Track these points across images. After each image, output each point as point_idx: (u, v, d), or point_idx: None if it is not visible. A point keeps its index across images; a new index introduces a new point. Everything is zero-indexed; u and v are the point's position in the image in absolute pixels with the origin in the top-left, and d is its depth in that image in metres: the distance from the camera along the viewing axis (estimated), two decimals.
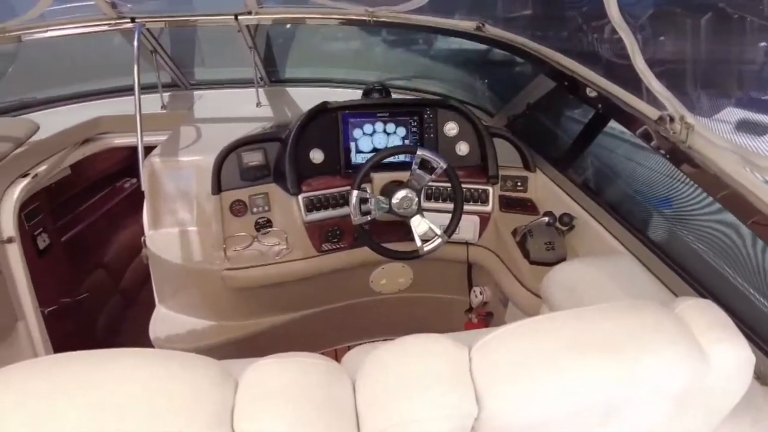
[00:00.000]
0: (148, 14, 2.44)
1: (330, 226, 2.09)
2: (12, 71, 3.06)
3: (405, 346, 0.85)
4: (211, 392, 0.75)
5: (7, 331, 2.23)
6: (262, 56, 2.82)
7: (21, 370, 0.79)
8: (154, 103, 2.72)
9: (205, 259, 2.07)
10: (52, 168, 2.44)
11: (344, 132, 2.15)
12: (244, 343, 2.27)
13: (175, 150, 2.17)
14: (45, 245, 2.52)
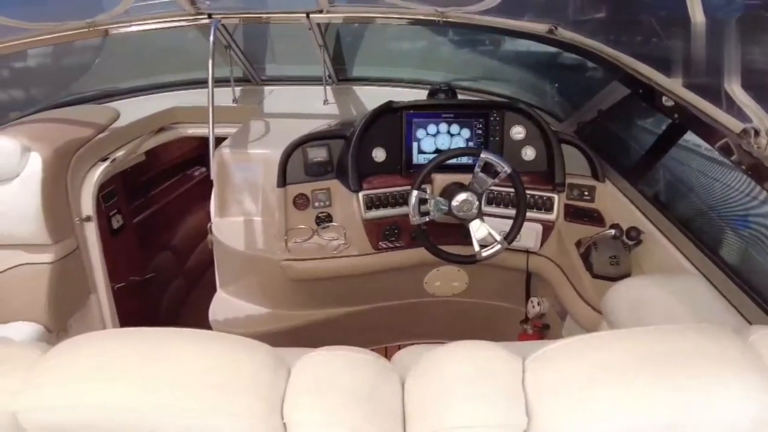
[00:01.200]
0: (224, 11, 2.53)
1: (388, 224, 2.11)
2: (98, 63, 3.26)
3: (458, 351, 0.84)
4: (265, 378, 0.77)
5: (82, 302, 2.39)
6: (331, 54, 2.86)
7: (91, 339, 0.85)
8: (226, 96, 2.82)
9: (266, 248, 2.14)
10: (128, 153, 2.58)
11: (407, 132, 2.15)
12: (297, 332, 2.32)
13: (244, 142, 2.24)
14: (118, 225, 2.68)
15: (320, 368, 0.81)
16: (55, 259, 2.20)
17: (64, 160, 2.24)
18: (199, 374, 0.76)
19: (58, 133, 2.32)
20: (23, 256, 2.20)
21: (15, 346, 0.90)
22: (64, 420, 0.76)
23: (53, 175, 2.17)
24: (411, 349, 1.66)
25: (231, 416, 0.72)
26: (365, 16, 2.54)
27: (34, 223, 2.14)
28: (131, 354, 0.80)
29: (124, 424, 0.74)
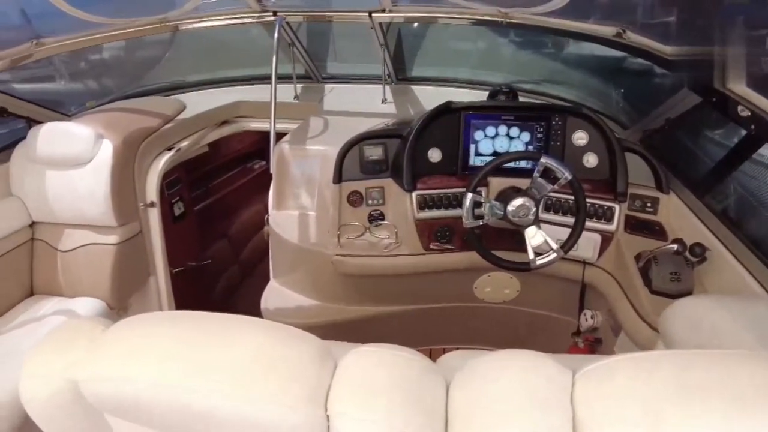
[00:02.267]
0: (288, 8, 2.58)
1: (440, 225, 2.10)
2: (167, 57, 3.40)
3: (507, 359, 0.83)
4: (312, 369, 0.79)
5: (142, 283, 2.52)
6: (391, 53, 2.88)
7: (150, 319, 0.90)
8: (288, 92, 2.88)
9: (319, 242, 2.17)
10: (192, 144, 2.69)
11: (465, 133, 2.13)
12: (344, 326, 2.35)
13: (303, 138, 2.29)
14: (180, 212, 2.79)
15: (366, 364, 0.82)
16: (120, 241, 2.32)
17: (132, 148, 2.35)
18: (249, 360, 0.78)
19: (128, 123, 2.44)
20: (91, 236, 2.33)
21: (81, 320, 0.96)
22: (120, 392, 0.80)
23: (122, 161, 2.29)
24: (457, 354, 1.65)
25: (277, 404, 0.74)
26: (427, 15, 2.54)
27: (102, 206, 2.26)
28: (186, 336, 0.83)
29: (173, 402, 0.77)
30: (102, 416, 0.89)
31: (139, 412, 0.82)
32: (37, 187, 2.31)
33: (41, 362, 0.87)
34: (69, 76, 3.25)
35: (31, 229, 2.39)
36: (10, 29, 2.43)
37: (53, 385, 0.85)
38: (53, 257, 2.36)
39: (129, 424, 0.87)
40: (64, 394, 0.85)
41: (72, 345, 0.87)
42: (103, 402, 0.84)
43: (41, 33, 2.34)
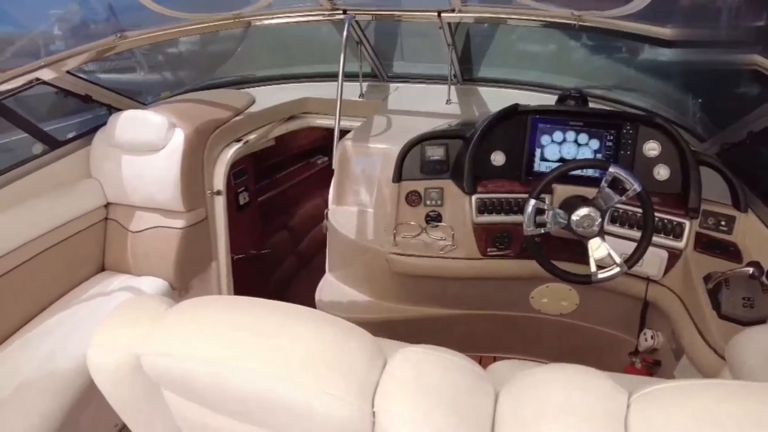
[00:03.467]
0: (358, 7, 2.61)
1: (499, 231, 2.06)
2: (239, 51, 3.51)
3: (561, 374, 0.80)
4: (363, 364, 0.79)
5: (204, 267, 2.62)
6: (458, 54, 2.85)
7: (210, 301, 0.93)
8: (354, 90, 2.92)
9: (375, 239, 2.18)
10: (260, 137, 2.77)
11: (531, 137, 2.08)
12: (395, 325, 2.35)
13: (366, 136, 2.31)
14: (244, 202, 2.89)
15: (417, 364, 0.81)
16: (186, 226, 2.43)
17: (202, 137, 2.45)
18: (303, 349, 0.79)
19: (200, 114, 2.55)
20: (160, 220, 2.45)
21: (146, 298, 1.01)
22: (177, 369, 0.84)
23: (192, 150, 2.39)
24: (508, 363, 1.62)
25: (326, 394, 0.75)
26: (497, 16, 2.50)
27: (172, 191, 2.37)
28: (244, 320, 0.86)
29: (226, 382, 0.80)
30: (159, 390, 0.93)
31: (193, 390, 0.85)
32: (114, 170, 2.46)
33: (108, 334, 0.93)
34: (148, 67, 3.43)
35: (105, 209, 2.55)
36: (99, 23, 2.59)
37: (117, 356, 0.90)
38: (124, 237, 2.50)
39: (183, 400, 0.90)
40: (126, 366, 0.90)
41: (137, 320, 0.92)
42: (161, 377, 0.87)
43: (125, 27, 2.48)
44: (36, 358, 1.91)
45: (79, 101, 2.56)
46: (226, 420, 0.88)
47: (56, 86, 2.42)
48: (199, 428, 0.95)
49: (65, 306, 2.24)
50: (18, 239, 2.14)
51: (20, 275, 2.14)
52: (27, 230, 2.18)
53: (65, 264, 2.35)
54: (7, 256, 2.09)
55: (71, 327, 2.08)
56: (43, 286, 2.24)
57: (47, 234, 2.26)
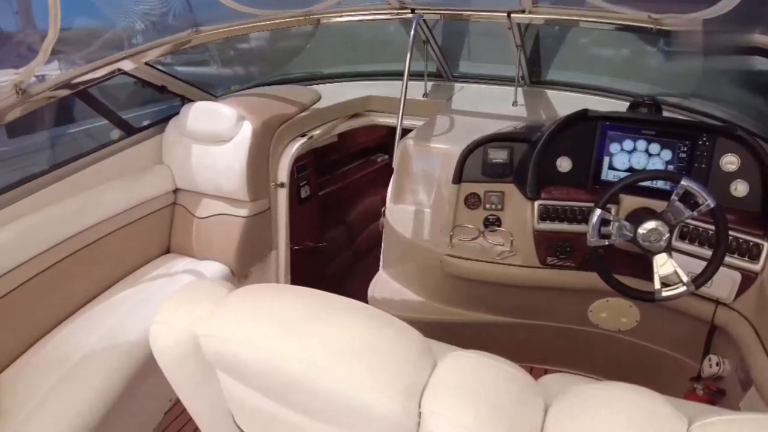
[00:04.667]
0: (426, 6, 2.60)
1: (560, 239, 1.99)
2: (308, 48, 3.59)
3: (616, 393, 0.76)
4: (412, 363, 0.79)
5: (263, 255, 2.71)
6: (527, 55, 2.79)
7: (268, 289, 0.95)
8: (418, 90, 2.91)
9: (431, 240, 2.17)
10: (324, 133, 2.82)
11: (600, 144, 2.00)
12: (446, 328, 2.33)
13: (428, 136, 2.30)
14: (305, 195, 2.96)
15: (467, 369, 0.80)
16: (249, 215, 2.52)
17: (269, 131, 2.53)
18: (356, 343, 0.80)
19: (268, 108, 2.62)
20: (225, 207, 2.55)
21: (208, 281, 1.04)
22: (233, 352, 0.86)
23: (259, 143, 2.47)
24: (559, 377, 1.57)
25: (372, 390, 0.75)
26: (569, 18, 2.43)
27: (238, 181, 2.46)
28: (301, 309, 0.87)
29: (278, 368, 0.81)
30: (214, 371, 0.96)
31: (245, 373, 0.88)
32: (184, 158, 2.57)
33: (170, 313, 0.97)
34: (220, 61, 3.56)
35: (174, 194, 2.68)
36: (176, 18, 2.72)
37: (178, 334, 0.94)
38: (190, 222, 2.62)
39: (235, 382, 0.93)
40: (185, 345, 0.94)
41: (198, 302, 0.96)
42: (217, 358, 0.90)
43: (200, 22, 2.59)
44: (101, 330, 2.04)
45: (155, 91, 2.69)
46: (275, 405, 0.90)
47: (135, 76, 2.56)
48: (248, 410, 0.98)
49: (131, 284, 2.37)
50: (93, 218, 2.28)
51: (93, 252, 2.28)
52: (102, 210, 2.32)
53: (134, 244, 2.49)
54: (83, 234, 2.24)
55: (135, 304, 2.20)
56: (112, 263, 2.39)
57: (120, 215, 2.40)
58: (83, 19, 2.55)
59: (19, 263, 1.99)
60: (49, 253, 2.10)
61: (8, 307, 1.93)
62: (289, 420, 0.89)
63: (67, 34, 2.07)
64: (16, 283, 1.97)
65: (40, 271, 2.06)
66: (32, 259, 2.03)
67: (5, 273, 1.94)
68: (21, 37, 3.53)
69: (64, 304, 2.16)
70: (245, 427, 1.03)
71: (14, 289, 1.96)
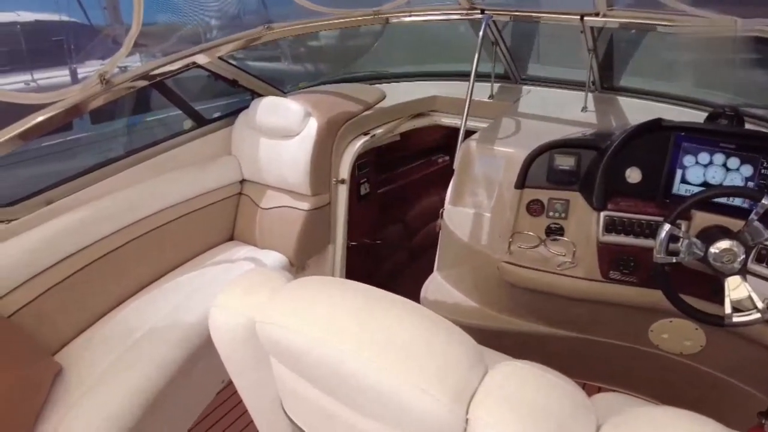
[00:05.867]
0: (497, 7, 2.57)
1: (625, 253, 1.91)
2: (376, 47, 3.62)
3: (676, 419, 0.73)
4: (463, 368, 0.78)
5: (321, 249, 2.78)
6: (599, 60, 2.70)
7: (325, 282, 0.97)
8: (484, 91, 2.88)
9: (489, 245, 2.14)
10: (386, 132, 2.85)
11: (673, 156, 1.90)
12: (498, 335, 2.29)
13: (492, 138, 2.26)
14: (365, 192, 2.99)
15: (518, 379, 0.78)
16: (310, 209, 2.58)
17: (333, 128, 2.58)
18: (408, 342, 0.80)
19: (333, 105, 2.67)
20: (287, 200, 2.63)
21: (268, 270, 1.08)
22: (286, 340, 0.88)
23: (323, 139, 2.52)
24: (614, 396, 1.51)
25: (420, 391, 0.74)
26: (646, 22, 2.32)
27: (301, 176, 2.53)
28: (355, 304, 0.89)
29: (329, 360, 0.83)
30: (267, 357, 0.99)
31: (297, 362, 0.90)
32: (251, 150, 2.67)
33: (230, 298, 1.01)
34: (291, 58, 3.66)
35: (241, 185, 2.78)
36: (249, 14, 2.82)
37: (236, 318, 0.98)
38: (254, 212, 2.71)
39: (286, 369, 0.96)
40: (242, 329, 0.98)
41: (257, 289, 0.99)
42: (271, 345, 0.93)
43: (272, 19, 2.67)
44: (164, 309, 2.15)
45: (226, 85, 2.80)
46: (322, 395, 0.91)
47: (209, 70, 2.67)
48: (296, 398, 1.00)
49: (195, 267, 2.49)
50: (163, 203, 2.41)
51: (161, 235, 2.41)
52: (172, 196, 2.45)
53: (200, 230, 2.60)
54: (152, 217, 2.37)
55: (197, 286, 2.31)
56: (178, 246, 2.51)
57: (188, 201, 2.52)
58: (164, 15, 2.68)
59: (92, 242, 2.13)
60: (120, 234, 2.24)
61: (79, 283, 2.07)
62: (334, 411, 0.91)
63: (148, 28, 2.19)
64: (88, 261, 2.11)
65: (111, 250, 2.20)
66: (104, 239, 2.18)
67: (79, 250, 2.09)
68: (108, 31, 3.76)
69: (130, 283, 2.29)
70: (292, 415, 1.06)
71: (86, 266, 2.11)
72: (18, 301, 1.86)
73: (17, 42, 4.35)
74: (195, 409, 2.24)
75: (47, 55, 4.36)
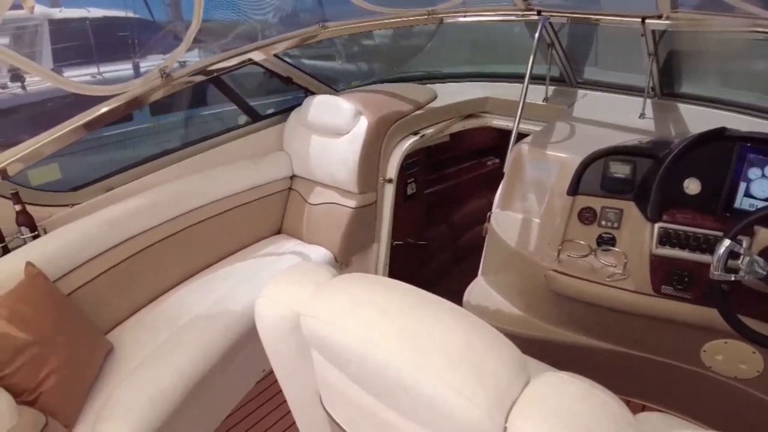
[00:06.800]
0: (554, 8, 2.52)
1: (679, 268, 1.82)
2: (429, 47, 3.61)
3: None
4: (505, 376, 0.77)
5: (365, 247, 2.80)
6: (660, 65, 2.60)
7: (369, 279, 0.98)
8: (538, 94, 2.83)
9: (537, 252, 2.09)
10: (436, 132, 2.84)
11: (737, 168, 1.80)
12: (541, 344, 2.24)
13: (545, 142, 2.21)
14: (411, 192, 2.99)
15: (561, 391, 0.76)
16: (357, 206, 2.61)
17: (383, 128, 2.59)
18: (451, 345, 0.79)
19: (384, 105, 2.69)
20: (335, 197, 2.67)
21: (314, 264, 1.09)
22: (329, 335, 0.89)
23: (372, 138, 2.54)
24: (659, 416, 1.45)
25: (460, 395, 0.73)
26: (712, 27, 2.22)
27: (350, 174, 2.56)
28: (399, 303, 0.89)
29: (370, 357, 0.83)
30: (309, 350, 1.00)
31: (338, 357, 0.91)
32: (302, 147, 2.72)
33: (277, 289, 1.03)
34: (345, 56, 3.70)
35: (290, 180, 2.84)
36: (305, 12, 2.87)
37: (281, 310, 1.00)
38: (302, 207, 2.76)
39: (327, 364, 0.96)
40: (286, 321, 0.99)
41: (303, 283, 1.01)
42: (313, 338, 0.94)
43: (328, 18, 2.71)
44: (211, 297, 2.23)
45: (280, 82, 2.86)
46: (361, 392, 0.92)
47: (264, 67, 2.73)
48: (335, 392, 1.01)
49: (243, 258, 2.56)
50: (215, 194, 2.50)
51: (212, 225, 2.49)
52: (224, 188, 2.53)
53: (250, 222, 2.68)
54: (205, 208, 2.45)
55: (245, 277, 2.38)
56: (228, 237, 2.59)
57: (240, 194, 2.60)
58: (223, 12, 2.76)
59: (147, 228, 2.23)
60: (173, 222, 2.33)
61: (133, 267, 2.18)
62: (372, 409, 0.91)
63: (207, 25, 2.26)
64: (143, 246, 2.22)
65: (164, 237, 2.30)
66: (158, 226, 2.28)
67: (134, 236, 2.19)
68: (169, 27, 3.91)
69: (181, 270, 2.38)
70: (330, 409, 1.07)
71: (140, 251, 2.21)
72: (77, 281, 1.98)
73: (86, 37, 4.58)
74: (234, 396, 2.30)
75: (113, 49, 4.57)
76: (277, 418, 2.23)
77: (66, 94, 1.98)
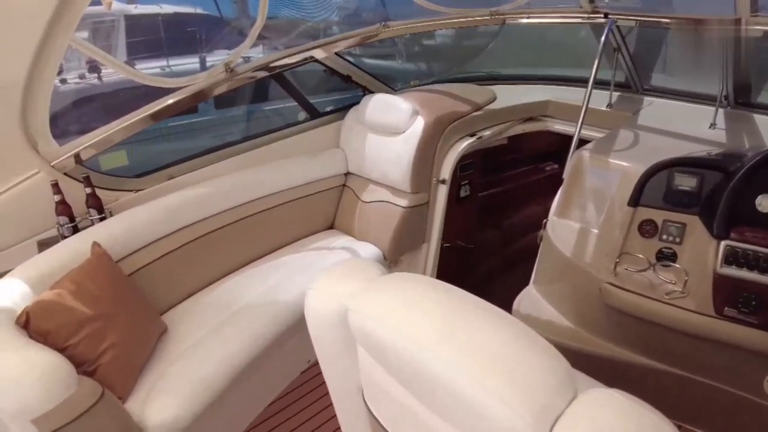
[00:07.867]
0: (622, 11, 2.45)
1: (746, 290, 1.71)
2: (490, 48, 3.56)
3: None
4: (552, 388, 0.75)
5: (415, 246, 2.81)
6: (735, 72, 2.45)
7: (418, 279, 0.98)
8: (602, 99, 2.74)
9: (593, 263, 2.02)
10: (494, 135, 2.80)
11: None
12: (591, 359, 2.16)
13: (607, 149, 2.14)
14: (464, 194, 2.97)
15: (609, 409, 0.74)
16: (409, 206, 2.62)
17: (439, 128, 2.58)
18: (498, 352, 0.78)
19: (441, 105, 2.68)
20: (388, 195, 2.69)
21: (365, 261, 1.11)
22: (375, 331, 0.90)
23: (428, 138, 2.53)
24: None
25: (504, 404, 0.72)
26: None
27: (403, 173, 2.57)
28: (448, 305, 0.88)
29: (413, 357, 0.83)
30: (355, 344, 1.02)
31: (382, 355, 0.91)
32: (358, 145, 2.75)
33: (326, 283, 1.05)
34: (405, 56, 3.71)
35: (345, 177, 2.88)
36: (368, 11, 2.90)
37: (330, 303, 1.02)
38: (355, 204, 2.80)
39: (372, 360, 0.97)
40: (334, 314, 1.01)
41: (353, 278, 1.03)
42: (360, 333, 0.95)
43: (390, 17, 2.72)
44: (262, 286, 2.30)
45: (339, 80, 2.89)
46: (403, 391, 0.92)
47: (325, 65, 2.78)
48: (378, 389, 1.01)
49: (295, 251, 2.62)
50: (272, 187, 2.57)
51: (267, 217, 2.56)
52: (281, 181, 2.60)
53: (303, 216, 2.74)
54: (262, 200, 2.53)
55: (296, 269, 2.43)
56: (282, 230, 2.66)
57: (296, 188, 2.66)
58: (287, 10, 2.83)
59: (205, 217, 2.32)
60: (230, 212, 2.42)
61: (190, 253, 2.27)
62: (414, 408, 0.91)
63: (272, 22, 2.32)
64: (200, 234, 2.31)
65: (221, 226, 2.38)
66: (216, 215, 2.36)
67: (193, 223, 2.28)
68: (235, 23, 4.03)
69: (235, 259, 2.46)
70: (371, 404, 1.08)
71: (198, 238, 2.30)
72: (138, 263, 2.08)
73: (157, 32, 4.81)
74: (279, 384, 2.36)
75: (181, 44, 4.78)
76: (319, 409, 2.26)
77: (136, 85, 2.08)
